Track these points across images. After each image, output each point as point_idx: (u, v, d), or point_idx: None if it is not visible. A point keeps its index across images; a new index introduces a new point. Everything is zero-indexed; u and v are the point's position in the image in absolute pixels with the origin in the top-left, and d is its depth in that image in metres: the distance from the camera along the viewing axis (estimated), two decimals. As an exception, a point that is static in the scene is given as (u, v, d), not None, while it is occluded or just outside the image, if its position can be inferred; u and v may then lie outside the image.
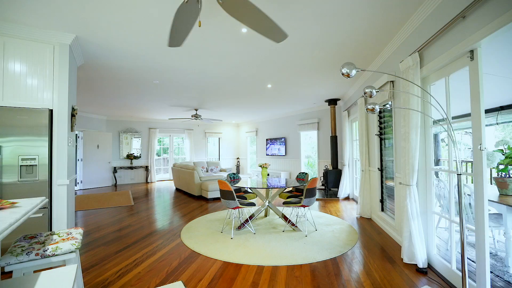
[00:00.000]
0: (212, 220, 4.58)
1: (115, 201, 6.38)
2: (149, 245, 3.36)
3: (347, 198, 6.45)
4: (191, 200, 6.51)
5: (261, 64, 4.13)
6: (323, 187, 7.61)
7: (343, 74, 2.08)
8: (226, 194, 3.72)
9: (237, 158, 12.79)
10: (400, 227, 3.26)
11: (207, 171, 9.97)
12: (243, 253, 3.06)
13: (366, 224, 4.26)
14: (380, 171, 4.18)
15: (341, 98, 6.94)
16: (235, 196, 3.69)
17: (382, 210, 4.16)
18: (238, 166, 12.55)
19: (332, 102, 7.09)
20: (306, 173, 4.77)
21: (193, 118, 8.18)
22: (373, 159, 4.45)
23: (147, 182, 10.18)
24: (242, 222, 4.06)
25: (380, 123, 4.19)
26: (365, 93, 2.40)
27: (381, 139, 4.19)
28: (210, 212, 5.24)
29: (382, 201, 4.16)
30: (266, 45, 3.41)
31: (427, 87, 2.68)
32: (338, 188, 6.81)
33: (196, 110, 8.21)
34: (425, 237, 2.69)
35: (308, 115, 8.64)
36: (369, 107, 2.36)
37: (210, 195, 6.36)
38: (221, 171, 10.23)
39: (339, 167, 7.21)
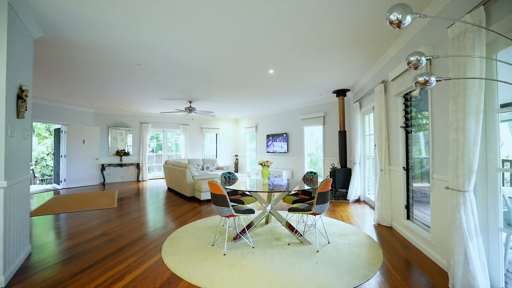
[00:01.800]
0: (203, 228, 3.87)
1: (97, 202, 5.66)
2: (119, 264, 2.64)
3: (357, 201, 5.74)
4: (182, 201, 5.80)
5: (261, 43, 3.38)
6: (330, 188, 6.89)
7: (391, 22, 1.35)
8: (218, 199, 3.00)
9: (236, 156, 12.08)
10: (441, 245, 2.54)
11: (202, 169, 9.26)
12: (238, 278, 2.35)
13: (387, 235, 3.55)
14: (405, 171, 3.47)
15: (351, 89, 6.20)
16: (229, 202, 2.97)
17: (408, 218, 3.45)
18: (236, 164, 11.84)
19: (341, 93, 6.35)
20: (315, 173, 4.05)
21: (186, 111, 7.44)
22: (396, 156, 3.73)
23: (138, 181, 9.46)
24: (238, 232, 3.35)
25: (406, 112, 3.47)
26: (409, 62, 1.68)
27: (407, 132, 3.47)
28: (202, 216, 4.53)
29: (408, 207, 3.45)
30: (267, 16, 2.67)
31: (493, 56, 1.95)
32: (347, 189, 6.10)
33: (190, 102, 7.47)
34: (487, 262, 1.98)
35: (313, 109, 7.91)
36: (420, 79, 1.63)
37: (204, 196, 5.65)
38: (217, 169, 9.51)
39: (348, 165, 6.50)
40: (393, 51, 3.63)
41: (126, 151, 9.43)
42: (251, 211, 3.10)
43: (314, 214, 3.02)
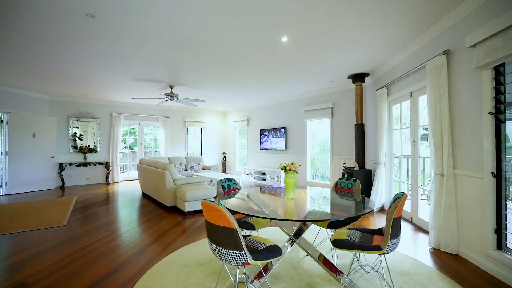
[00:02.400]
0: (192, 263, 2.57)
1: (40, 217, 4.14)
2: None
3: (382, 210, 4.67)
4: (161, 213, 4.42)
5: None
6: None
7: None
8: (220, 234, 1.71)
9: (223, 153, 10.73)
10: None
11: (186, 169, 7.85)
12: None
13: (462, 269, 2.45)
14: (496, 178, 2.36)
15: (372, 73, 5.08)
16: (243, 240, 1.68)
17: (499, 247, 2.35)
18: (224, 163, 10.50)
19: (359, 78, 5.22)
20: (354, 180, 2.86)
21: (167, 98, 6.00)
22: (469, 156, 2.63)
23: (107, 183, 7.86)
24: (251, 279, 2.08)
25: (498, 92, 2.35)
26: None
27: (499, 122, 2.36)
28: (189, 238, 3.22)
29: (499, 231, 2.35)
30: None
31: None
32: (367, 195, 5.02)
33: (171, 87, 6.03)
34: None
35: (319, 99, 6.75)
36: None
37: (189, 206, 4.31)
38: (204, 169, 8.13)
39: (367, 166, 5.41)
40: (474, 2, 2.50)
41: (92, 147, 7.79)
42: (277, 252, 1.84)
43: (385, 253, 1.82)
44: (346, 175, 4.28)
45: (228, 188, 2.78)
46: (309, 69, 4.88)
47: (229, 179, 2.86)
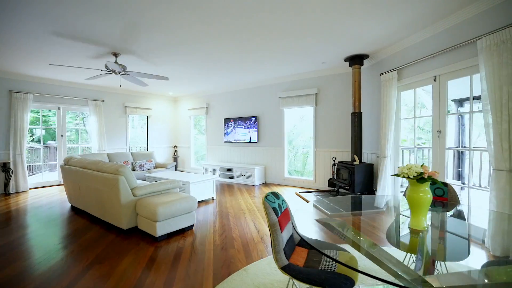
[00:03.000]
0: None
1: None
2: None
3: (383, 208, 4.18)
4: (115, 244, 2.86)
5: None
6: (341, 190, 5.20)
7: None
8: None
9: (174, 147, 9.03)
10: None
11: (133, 169, 6.06)
12: None
13: None
14: None
15: (372, 55, 4.51)
16: None
17: None
18: (175, 158, 8.83)
19: (357, 60, 4.60)
20: (445, 183, 2.09)
21: (109, 71, 4.21)
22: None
23: (7, 194, 5.39)
24: None
25: None
26: None
27: None
28: (184, 294, 1.95)
29: None
30: None
31: None
32: (369, 192, 4.50)
33: (115, 55, 4.24)
34: None
35: (299, 84, 5.95)
36: None
37: (162, 228, 2.90)
38: (157, 167, 6.46)
39: (364, 159, 4.89)
40: None
41: (-24, 141, 5.17)
42: None
43: None
44: (340, 171, 3.55)
45: (280, 209, 1.63)
46: (301, 44, 3.97)
47: (275, 195, 1.70)
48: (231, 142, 7.25)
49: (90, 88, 6.71)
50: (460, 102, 5.04)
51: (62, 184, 6.20)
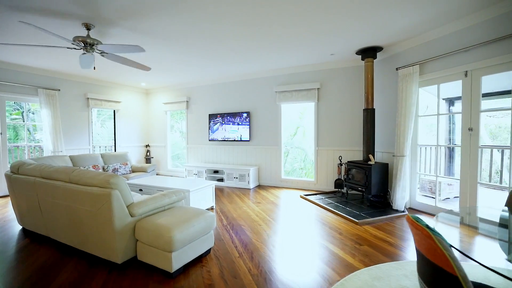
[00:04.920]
0: None
1: None
2: None
3: (405, 210, 3.97)
4: (108, 287, 2.03)
5: None
6: (361, 193, 4.87)
7: None
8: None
9: (147, 146, 7.88)
10: None
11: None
12: None
13: None
14: None
15: (386, 48, 4.24)
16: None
17: None
18: (148, 159, 7.71)
19: (370, 53, 4.29)
20: None
21: (77, 46, 3.18)
22: None
23: None
24: None
25: None
26: None
27: None
28: None
29: None
30: None
31: None
32: (385, 193, 4.24)
33: (87, 27, 3.22)
34: None
35: (299, 77, 5.48)
36: None
37: (179, 259, 2.14)
38: (134, 171, 5.41)
39: (376, 158, 4.62)
40: None
41: None
42: None
43: None
44: (351, 171, 3.21)
45: (438, 235, 1.08)
46: (313, 32, 3.52)
47: (417, 219, 1.14)
48: (218, 140, 6.49)
49: (40, 73, 5.31)
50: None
51: (6, 196, 4.80)
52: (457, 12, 3.02)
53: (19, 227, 3.31)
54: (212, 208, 4.10)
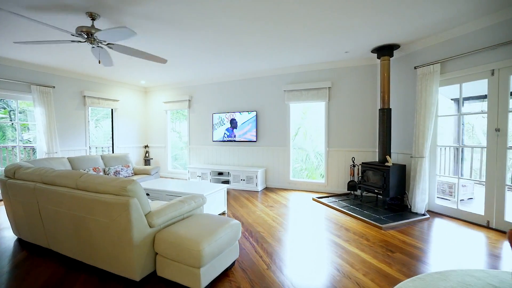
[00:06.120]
0: None
1: None
2: None
3: (437, 214, 3.83)
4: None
5: None
6: (375, 195, 4.71)
7: None
8: None
9: (145, 147, 7.55)
10: None
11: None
12: None
13: None
14: None
15: (403, 46, 4.11)
16: None
17: None
18: (147, 160, 7.38)
19: (386, 51, 4.15)
20: None
21: (81, 38, 2.90)
22: None
23: None
24: None
25: None
26: None
27: None
28: None
29: None
30: None
31: None
32: (402, 195, 4.11)
33: (92, 17, 2.94)
34: None
35: (309, 76, 5.31)
36: None
37: (207, 275, 1.90)
38: (136, 174, 5.11)
39: (393, 159, 4.48)
40: None
41: None
42: None
43: None
44: (366, 173, 3.04)
45: None
46: (332, 27, 3.33)
47: None
48: (222, 141, 6.25)
49: (34, 68, 4.93)
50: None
51: (-7, 202, 4.42)
52: (486, 8, 2.89)
53: (13, 237, 3.00)
54: (224, 213, 3.87)
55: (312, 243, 2.83)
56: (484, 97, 5.33)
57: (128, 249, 1.95)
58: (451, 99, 5.42)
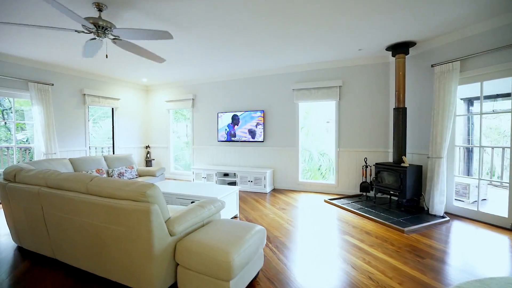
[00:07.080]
0: None
1: None
2: None
3: (459, 217, 3.71)
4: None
5: None
6: (389, 197, 4.59)
7: None
8: None
9: (147, 147, 7.32)
10: None
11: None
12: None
13: None
14: None
15: (420, 43, 3.99)
16: None
17: None
18: (148, 161, 7.16)
19: (401, 49, 4.03)
20: None
21: (87, 30, 2.70)
22: None
23: None
24: None
25: None
26: None
27: None
28: None
29: None
30: None
31: None
32: (418, 196, 3.99)
33: (99, 9, 2.74)
34: None
35: (319, 74, 5.17)
36: None
37: (238, 285, 1.73)
38: (141, 175, 4.89)
39: (408, 160, 4.36)
40: None
41: None
42: None
43: None
44: (380, 174, 2.91)
45: None
46: (347, 23, 3.19)
47: None
48: (228, 141, 6.07)
49: (31, 64, 4.68)
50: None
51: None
52: (509, 4, 2.79)
53: (13, 245, 2.77)
54: (236, 217, 3.69)
55: (336, 248, 2.68)
56: (496, 96, 5.29)
57: (147, 260, 1.77)
58: (461, 99, 5.34)
